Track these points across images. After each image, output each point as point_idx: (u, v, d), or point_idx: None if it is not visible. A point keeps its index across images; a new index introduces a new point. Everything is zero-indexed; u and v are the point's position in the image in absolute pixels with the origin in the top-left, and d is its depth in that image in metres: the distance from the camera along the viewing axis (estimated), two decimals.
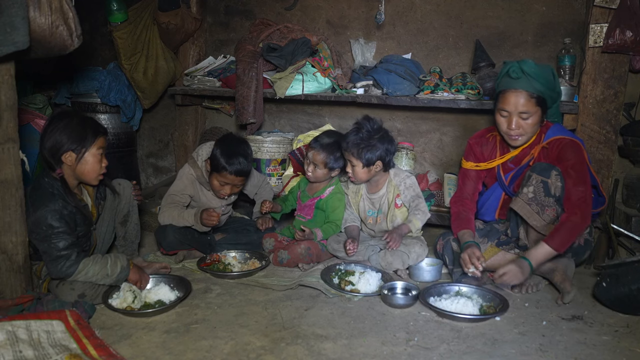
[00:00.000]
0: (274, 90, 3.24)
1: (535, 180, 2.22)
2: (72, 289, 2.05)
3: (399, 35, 3.46)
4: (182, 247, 2.68)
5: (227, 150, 2.52)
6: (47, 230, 2.01)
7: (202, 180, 2.69)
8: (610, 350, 1.84)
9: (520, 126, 2.28)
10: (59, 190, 2.10)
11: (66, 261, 2.02)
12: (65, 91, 3.76)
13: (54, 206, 2.04)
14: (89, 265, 2.05)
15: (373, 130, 2.52)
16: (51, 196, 2.07)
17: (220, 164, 2.50)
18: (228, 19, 3.88)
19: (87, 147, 2.12)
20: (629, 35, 2.61)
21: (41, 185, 2.11)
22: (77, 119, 2.16)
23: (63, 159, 2.10)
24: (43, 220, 2.01)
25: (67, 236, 2.03)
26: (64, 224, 2.04)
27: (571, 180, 2.22)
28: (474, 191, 2.54)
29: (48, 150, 2.10)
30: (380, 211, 2.67)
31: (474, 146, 2.55)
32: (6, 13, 1.70)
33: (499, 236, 2.43)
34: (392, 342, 1.88)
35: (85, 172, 2.15)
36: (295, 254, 2.57)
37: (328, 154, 2.65)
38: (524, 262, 2.18)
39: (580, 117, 2.83)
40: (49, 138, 2.10)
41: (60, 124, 2.11)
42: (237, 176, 2.54)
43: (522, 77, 2.22)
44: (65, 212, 2.07)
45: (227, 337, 1.89)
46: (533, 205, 2.22)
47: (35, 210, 2.03)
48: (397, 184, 2.63)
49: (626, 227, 2.70)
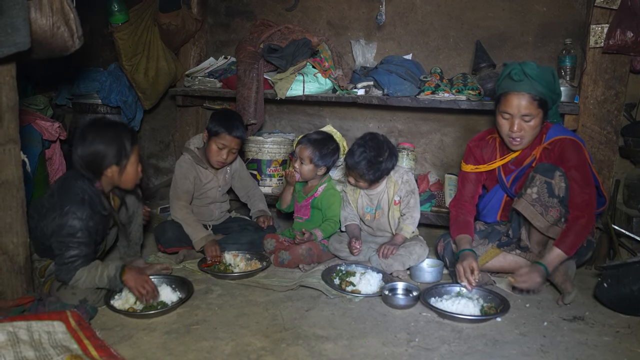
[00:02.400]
0: (275, 91, 3.24)
1: (539, 181, 2.22)
2: (74, 293, 2.05)
3: (400, 36, 3.46)
4: (180, 244, 2.71)
5: (224, 116, 2.78)
6: (68, 237, 2.02)
7: (197, 159, 2.82)
8: (612, 351, 1.84)
9: (522, 128, 2.27)
10: (90, 196, 2.09)
11: (70, 267, 2.03)
12: (66, 92, 3.77)
13: (82, 215, 2.03)
14: (84, 276, 2.04)
15: (379, 153, 2.50)
16: (82, 203, 2.05)
17: (218, 126, 2.71)
18: (229, 19, 3.88)
19: (129, 158, 2.12)
20: (630, 35, 2.61)
21: (73, 188, 2.08)
22: (112, 128, 2.13)
23: (105, 173, 2.10)
24: (67, 228, 2.01)
25: (83, 247, 2.04)
26: (86, 235, 2.04)
27: (575, 181, 2.21)
28: (473, 194, 2.53)
29: (87, 163, 2.07)
30: (379, 207, 2.66)
31: (474, 149, 2.54)
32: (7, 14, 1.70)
33: (499, 237, 2.43)
34: (393, 342, 1.87)
35: (126, 180, 2.17)
36: (296, 254, 2.57)
37: (314, 150, 2.66)
38: (540, 267, 2.17)
39: (581, 117, 2.83)
40: (86, 153, 2.07)
41: (97, 138, 2.07)
42: (234, 137, 2.72)
43: (524, 79, 2.21)
44: (91, 223, 2.06)
45: (228, 337, 1.89)
46: (537, 206, 2.21)
47: (62, 216, 2.02)
48: (395, 180, 2.64)
49: (627, 227, 2.70)
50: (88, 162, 2.07)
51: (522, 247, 2.35)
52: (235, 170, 3.02)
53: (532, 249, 2.33)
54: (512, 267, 2.35)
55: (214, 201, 2.93)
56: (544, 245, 2.33)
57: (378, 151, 2.50)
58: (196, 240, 2.65)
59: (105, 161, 2.08)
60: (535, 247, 2.33)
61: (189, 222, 2.70)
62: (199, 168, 2.84)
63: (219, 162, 2.79)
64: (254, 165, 3.39)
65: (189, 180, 2.80)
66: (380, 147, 2.52)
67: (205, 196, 2.89)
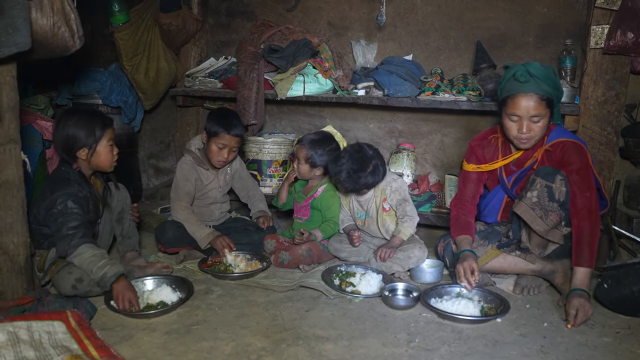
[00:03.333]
0: (275, 92, 3.24)
1: (540, 184, 2.20)
2: (70, 272, 2.10)
3: (400, 36, 3.46)
4: (181, 245, 2.71)
5: (221, 115, 2.78)
6: (63, 209, 2.14)
7: (198, 160, 2.82)
8: (612, 352, 1.84)
9: (531, 129, 2.24)
10: (75, 177, 2.26)
11: (72, 239, 2.10)
12: (66, 92, 3.77)
13: (70, 190, 2.19)
14: (87, 253, 2.09)
15: (361, 167, 2.48)
16: (67, 181, 2.22)
17: (217, 126, 2.71)
18: (229, 20, 3.89)
19: (98, 141, 2.28)
20: (630, 36, 2.61)
21: (58, 174, 2.27)
22: (84, 115, 2.31)
23: (77, 155, 2.27)
24: (59, 201, 2.15)
25: (79, 217, 2.16)
26: (78, 205, 2.18)
27: (576, 185, 2.19)
28: (474, 194, 2.51)
29: (61, 148, 2.27)
30: (368, 214, 2.66)
31: (476, 148, 2.52)
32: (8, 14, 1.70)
33: (499, 238, 2.43)
34: (393, 343, 1.87)
35: (99, 162, 2.33)
36: (296, 255, 2.57)
37: (310, 150, 2.67)
38: (583, 294, 2.08)
39: (581, 118, 2.83)
40: (60, 137, 2.26)
41: (70, 123, 2.26)
42: (233, 136, 2.72)
43: (530, 80, 2.18)
44: (80, 195, 2.22)
45: (228, 338, 1.89)
46: (537, 210, 2.20)
47: (53, 192, 2.17)
48: (383, 188, 2.62)
49: (627, 228, 2.70)
50: (62, 144, 2.26)
51: (522, 248, 2.35)
52: (236, 170, 3.02)
53: (532, 250, 2.33)
54: (511, 268, 2.35)
55: (214, 202, 2.93)
56: (544, 247, 2.33)
57: (360, 165, 2.47)
58: (201, 238, 2.64)
59: (76, 144, 2.25)
60: (536, 249, 2.33)
61: (191, 222, 2.70)
62: (200, 169, 2.84)
63: (220, 162, 2.78)
64: (254, 165, 3.39)
65: (190, 182, 2.80)
66: (365, 161, 2.48)
67: (206, 197, 2.89)
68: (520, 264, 2.33)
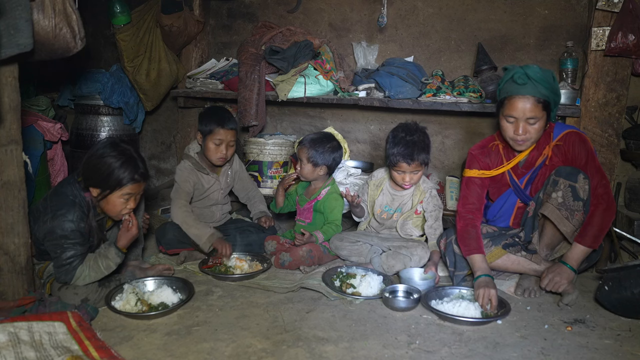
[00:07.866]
0: (276, 93, 3.24)
1: (564, 184, 2.22)
2: (76, 293, 2.07)
3: (401, 38, 3.46)
4: (181, 246, 2.71)
5: (212, 112, 2.81)
6: (61, 239, 2.05)
7: (197, 166, 2.82)
8: (613, 354, 1.83)
9: (527, 131, 2.26)
10: (81, 200, 2.11)
11: (69, 270, 2.05)
12: (68, 93, 3.78)
13: (72, 217, 2.06)
14: (85, 271, 2.08)
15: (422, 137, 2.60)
16: (71, 205, 2.08)
17: (210, 124, 2.72)
18: (231, 21, 3.89)
19: (112, 191, 2.11)
20: (632, 38, 2.61)
21: (63, 192, 2.11)
22: (123, 155, 2.11)
23: (90, 189, 2.12)
24: (59, 230, 2.04)
25: (78, 247, 2.07)
26: (78, 235, 2.07)
27: (590, 174, 2.24)
28: (479, 200, 2.46)
29: (83, 174, 2.12)
30: (399, 209, 2.68)
31: (478, 157, 2.49)
32: (10, 15, 1.70)
33: (505, 239, 2.41)
34: (394, 345, 1.87)
35: (106, 208, 2.17)
36: (297, 256, 2.57)
37: (310, 149, 2.68)
38: (563, 266, 2.18)
39: (582, 120, 2.82)
40: (87, 164, 2.11)
41: (106, 156, 2.09)
42: (228, 129, 2.73)
43: (528, 82, 2.20)
44: (82, 224, 2.09)
45: (229, 339, 1.89)
46: (562, 211, 2.22)
47: (54, 219, 2.05)
48: (424, 190, 2.66)
49: (628, 230, 2.69)
50: (84, 172, 2.12)
51: (529, 249, 2.35)
52: (236, 171, 3.02)
53: (540, 251, 2.34)
54: (514, 267, 2.36)
55: (216, 203, 2.93)
56: (553, 249, 2.35)
57: (420, 136, 2.58)
58: (203, 242, 2.61)
59: (90, 180, 2.11)
60: (544, 249, 2.34)
61: (190, 224, 2.68)
62: (200, 174, 2.82)
63: (221, 159, 2.78)
64: (255, 167, 3.39)
65: (189, 183, 2.79)
66: (418, 131, 2.61)
67: (208, 199, 2.89)
68: (524, 264, 2.34)
